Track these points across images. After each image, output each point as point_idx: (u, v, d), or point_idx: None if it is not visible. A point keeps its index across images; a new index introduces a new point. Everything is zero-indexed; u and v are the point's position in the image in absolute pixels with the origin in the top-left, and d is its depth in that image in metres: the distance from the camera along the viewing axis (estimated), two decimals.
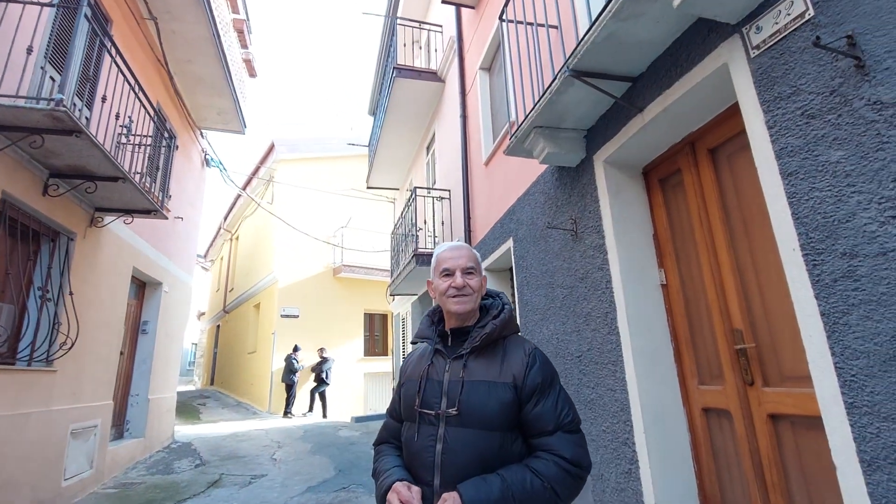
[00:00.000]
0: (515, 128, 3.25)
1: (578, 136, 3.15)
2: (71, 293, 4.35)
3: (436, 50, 8.12)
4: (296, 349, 11.62)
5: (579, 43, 2.32)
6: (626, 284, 2.71)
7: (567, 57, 2.45)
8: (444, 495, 1.08)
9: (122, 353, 5.87)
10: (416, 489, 1.15)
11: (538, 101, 2.83)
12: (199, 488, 5.07)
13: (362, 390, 12.79)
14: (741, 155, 2.23)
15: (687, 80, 2.20)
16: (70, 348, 4.23)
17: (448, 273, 1.32)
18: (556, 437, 1.17)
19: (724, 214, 2.35)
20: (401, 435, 1.32)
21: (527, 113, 3.03)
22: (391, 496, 1.13)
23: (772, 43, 1.78)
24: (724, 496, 2.31)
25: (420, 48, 9.43)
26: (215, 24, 6.31)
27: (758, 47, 1.84)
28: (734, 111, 2.17)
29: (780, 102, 1.76)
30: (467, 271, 1.31)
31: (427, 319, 1.41)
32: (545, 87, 2.77)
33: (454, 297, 1.29)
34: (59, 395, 4.27)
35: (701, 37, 2.13)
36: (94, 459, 4.92)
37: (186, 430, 9.01)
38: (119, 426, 6.20)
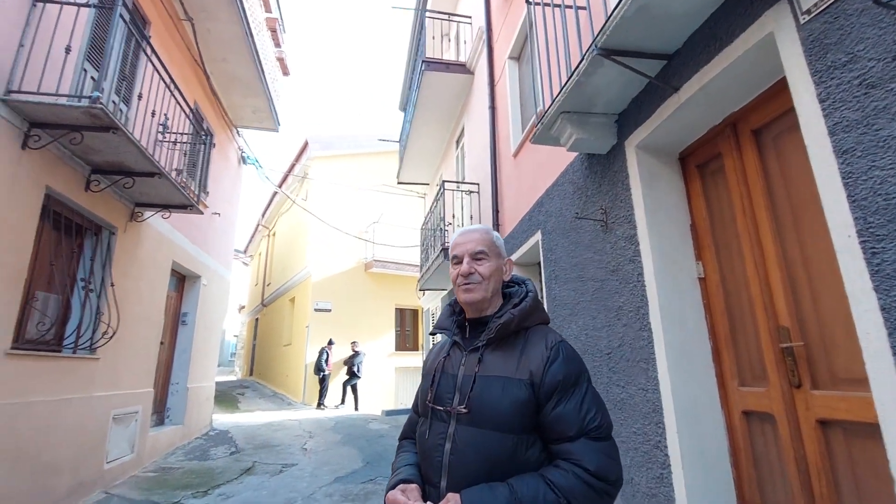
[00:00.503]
0: (542, 114, 3.12)
1: (609, 120, 2.99)
2: (112, 285, 4.54)
3: (465, 42, 8.00)
4: (330, 343, 11.81)
5: (608, 19, 2.18)
6: (659, 277, 2.55)
7: (595, 35, 2.31)
8: (449, 495, 1.01)
9: (162, 343, 6.11)
10: (411, 488, 1.08)
11: (565, 83, 2.69)
12: (232, 475, 5.22)
13: (393, 384, 12.91)
14: (789, 135, 2.04)
15: (727, 55, 2.02)
16: (112, 337, 4.41)
17: (457, 260, 1.23)
18: (580, 444, 1.03)
19: (769, 202, 2.15)
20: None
21: (553, 98, 2.90)
22: None
23: (824, 6, 1.60)
24: None
25: (449, 41, 9.34)
26: (248, 23, 6.44)
27: (808, 12, 1.66)
28: (781, 87, 1.98)
29: (833, 72, 1.58)
30: (477, 256, 1.21)
31: (448, 309, 1.32)
32: (572, 69, 2.63)
33: (462, 285, 1.21)
34: (101, 382, 4.47)
35: (743, 6, 1.95)
36: (135, 444, 5.15)
37: (225, 419, 9.34)
38: (160, 413, 6.47)
